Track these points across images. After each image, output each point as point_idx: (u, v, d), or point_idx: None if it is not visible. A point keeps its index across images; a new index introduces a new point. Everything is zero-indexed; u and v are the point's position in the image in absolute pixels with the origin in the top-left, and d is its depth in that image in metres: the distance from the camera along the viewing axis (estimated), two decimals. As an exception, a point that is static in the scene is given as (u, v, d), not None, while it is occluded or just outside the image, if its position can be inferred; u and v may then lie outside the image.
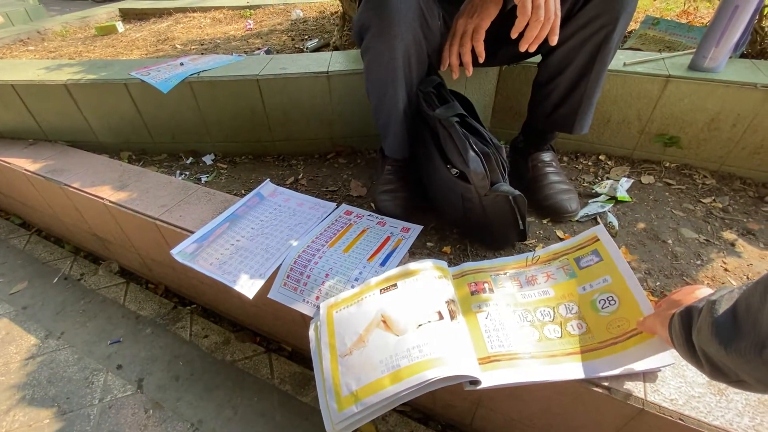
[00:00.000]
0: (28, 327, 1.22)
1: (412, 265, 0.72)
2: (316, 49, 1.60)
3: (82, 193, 1.12)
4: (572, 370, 0.58)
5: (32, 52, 1.98)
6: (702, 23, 1.42)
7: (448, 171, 0.81)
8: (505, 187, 0.75)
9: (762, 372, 0.33)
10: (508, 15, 0.78)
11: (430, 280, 0.69)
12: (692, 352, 0.43)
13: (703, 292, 0.54)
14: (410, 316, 0.63)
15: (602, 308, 0.64)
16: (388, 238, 0.88)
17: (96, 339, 1.17)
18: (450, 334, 0.61)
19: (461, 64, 0.84)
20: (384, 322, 0.63)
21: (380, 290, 0.69)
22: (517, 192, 0.75)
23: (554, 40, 0.73)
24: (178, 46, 1.84)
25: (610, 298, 0.64)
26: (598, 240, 0.72)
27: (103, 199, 1.08)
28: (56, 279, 1.38)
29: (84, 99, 1.26)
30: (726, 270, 0.79)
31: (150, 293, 1.31)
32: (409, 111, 0.89)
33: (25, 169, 1.25)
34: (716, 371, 0.39)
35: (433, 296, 0.67)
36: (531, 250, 0.85)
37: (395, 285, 0.69)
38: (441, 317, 0.62)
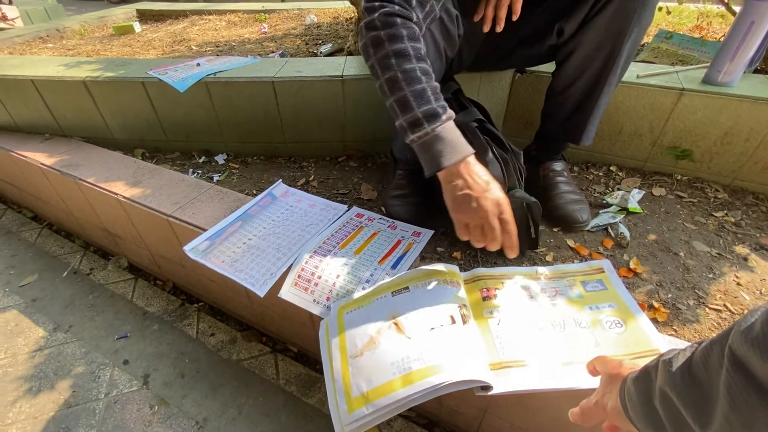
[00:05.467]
0: (37, 319, 1.23)
1: (424, 269, 0.72)
2: (330, 54, 1.62)
3: (96, 188, 1.13)
4: (585, 378, 0.58)
5: (51, 49, 2.01)
6: (715, 38, 1.43)
7: (461, 176, 0.82)
8: (521, 193, 0.76)
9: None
10: (529, 14, 0.79)
11: (442, 284, 0.69)
12: (652, 413, 0.37)
13: (627, 362, 0.48)
14: (422, 319, 0.63)
15: (609, 327, 0.65)
16: (399, 242, 0.88)
17: (103, 333, 1.18)
18: (462, 339, 0.61)
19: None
20: (395, 324, 0.63)
21: (392, 293, 0.69)
22: (533, 199, 0.75)
23: (510, 254, 0.67)
24: (194, 48, 1.86)
25: (616, 322, 0.66)
26: (604, 272, 0.76)
27: (116, 194, 1.09)
28: (66, 273, 1.40)
29: (101, 96, 1.28)
30: (738, 284, 0.79)
31: (158, 290, 1.32)
32: None
33: (41, 163, 1.27)
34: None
35: (446, 300, 0.67)
36: (541, 258, 0.85)
37: (407, 288, 0.69)
38: (453, 321, 0.63)
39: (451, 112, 0.65)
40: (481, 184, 0.63)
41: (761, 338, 0.24)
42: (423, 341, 0.60)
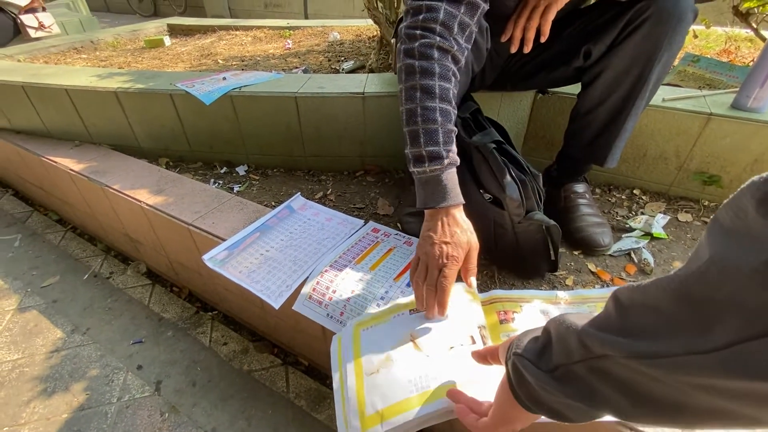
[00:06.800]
0: (56, 320, 1.26)
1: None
2: (352, 71, 1.65)
3: (121, 194, 1.16)
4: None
5: (84, 59, 2.11)
6: (744, 63, 1.40)
7: (480, 195, 0.81)
8: (540, 215, 0.75)
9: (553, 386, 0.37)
10: (556, 35, 0.79)
11: (462, 303, 0.68)
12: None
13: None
14: (441, 337, 0.62)
15: None
16: (415, 259, 0.87)
17: (119, 338, 1.19)
18: None
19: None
20: (413, 342, 0.62)
21: (410, 311, 0.68)
22: (552, 222, 0.74)
23: (426, 314, 0.66)
24: (220, 62, 1.92)
25: None
26: None
27: (140, 201, 1.12)
28: (86, 276, 1.43)
29: (131, 106, 1.33)
30: None
31: (174, 296, 1.33)
32: None
33: (70, 169, 1.31)
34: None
35: (466, 320, 0.66)
36: (561, 282, 0.83)
37: None
38: (473, 342, 0.61)
39: (455, 158, 0.67)
40: (447, 233, 0.65)
41: (638, 283, 0.32)
42: (442, 360, 0.59)
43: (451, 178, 0.66)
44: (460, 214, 0.67)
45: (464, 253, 0.65)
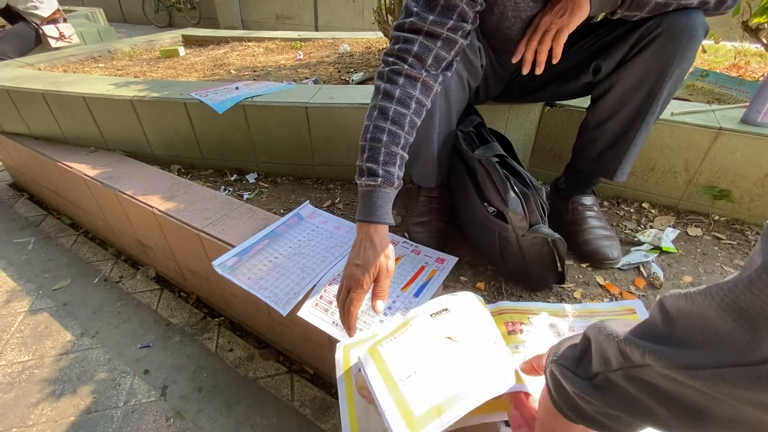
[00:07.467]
0: (66, 323, 1.28)
1: (458, 294, 0.71)
2: (361, 82, 1.67)
3: (133, 200, 1.19)
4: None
5: (102, 68, 2.16)
6: (753, 77, 1.40)
7: (484, 208, 0.81)
8: (545, 229, 0.75)
9: (593, 395, 0.36)
10: (565, 51, 0.80)
11: (477, 311, 0.68)
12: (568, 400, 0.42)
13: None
14: (480, 333, 0.62)
15: None
16: (422, 268, 0.88)
17: (127, 341, 1.21)
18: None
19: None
20: (450, 338, 0.61)
21: (431, 315, 0.67)
22: (556, 235, 0.74)
23: (348, 332, 0.69)
24: (233, 72, 1.96)
25: None
26: (635, 313, 0.73)
27: (152, 207, 1.14)
28: (97, 279, 1.45)
29: (146, 114, 1.36)
30: (783, 335, 0.74)
31: (182, 302, 1.34)
32: (444, 140, 0.89)
33: (85, 174, 1.34)
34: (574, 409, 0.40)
35: (492, 324, 0.65)
36: (569, 294, 0.83)
37: (446, 309, 0.67)
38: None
39: (392, 180, 0.70)
40: (360, 254, 0.67)
41: (686, 291, 0.31)
42: (491, 351, 0.58)
43: (382, 197, 0.69)
44: (379, 235, 0.69)
45: (372, 278, 0.67)
